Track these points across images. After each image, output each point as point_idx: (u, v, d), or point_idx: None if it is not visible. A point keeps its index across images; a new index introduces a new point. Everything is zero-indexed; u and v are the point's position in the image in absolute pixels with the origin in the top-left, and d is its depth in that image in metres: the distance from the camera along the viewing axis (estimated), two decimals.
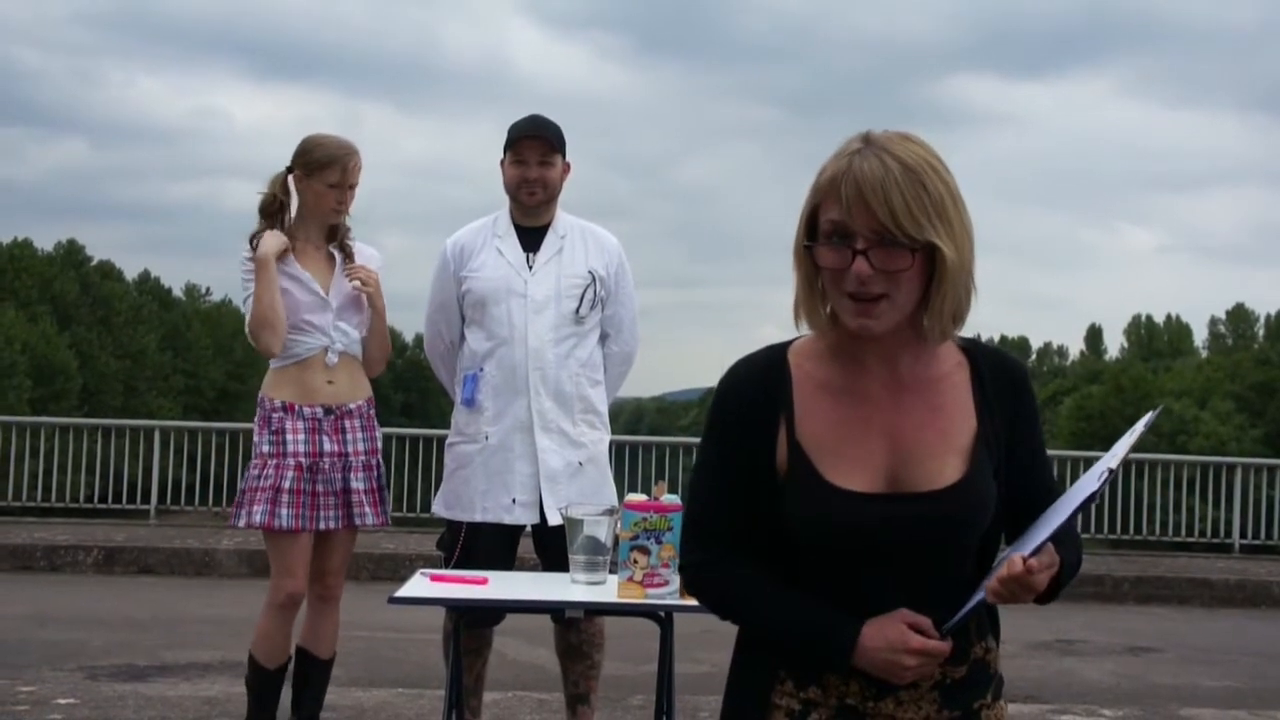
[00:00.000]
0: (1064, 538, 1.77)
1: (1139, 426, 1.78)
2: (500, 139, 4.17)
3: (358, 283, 4.11)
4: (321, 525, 4.02)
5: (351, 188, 4.12)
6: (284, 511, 3.94)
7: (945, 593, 1.78)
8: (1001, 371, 1.88)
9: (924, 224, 1.70)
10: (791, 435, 1.82)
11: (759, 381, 1.85)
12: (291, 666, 4.17)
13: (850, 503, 1.77)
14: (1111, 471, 1.72)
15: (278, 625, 4.05)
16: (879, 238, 1.70)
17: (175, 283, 70.39)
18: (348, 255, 4.16)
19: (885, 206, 1.68)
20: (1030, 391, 1.90)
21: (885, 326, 1.75)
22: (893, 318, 1.75)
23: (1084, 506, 1.73)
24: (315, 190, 4.08)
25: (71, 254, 54.87)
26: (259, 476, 3.98)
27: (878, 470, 1.79)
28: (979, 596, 1.74)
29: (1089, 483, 1.75)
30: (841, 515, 1.77)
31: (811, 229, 1.78)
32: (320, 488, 4.01)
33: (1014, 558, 1.70)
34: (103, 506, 11.68)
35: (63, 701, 5.05)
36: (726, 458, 1.85)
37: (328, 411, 4.05)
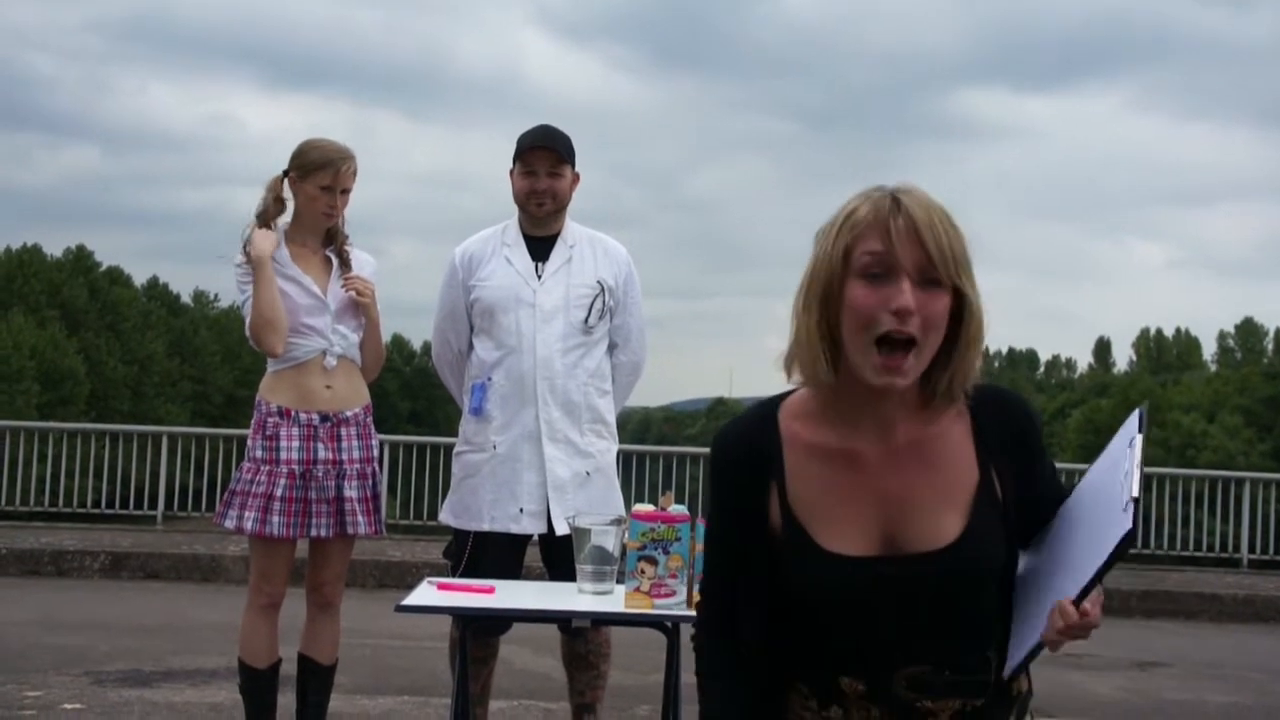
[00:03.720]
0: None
1: (1137, 440, 1.72)
2: (511, 149, 4.17)
3: (354, 293, 4.10)
4: (313, 533, 4.01)
5: (345, 192, 4.09)
6: (275, 519, 3.94)
7: (951, 644, 1.78)
8: (1003, 414, 1.85)
9: (962, 267, 1.71)
10: (783, 499, 1.81)
11: (748, 445, 1.84)
12: (295, 675, 4.17)
13: (843, 568, 1.77)
14: (1136, 501, 1.66)
15: (260, 626, 4.05)
16: (921, 275, 1.70)
17: (183, 289, 70.61)
18: (345, 263, 4.14)
19: (934, 243, 1.69)
20: (1033, 425, 1.87)
21: (909, 381, 1.73)
22: (916, 371, 1.73)
23: (1123, 546, 1.65)
24: (307, 193, 4.05)
25: (80, 260, 55.07)
26: (251, 482, 3.97)
27: (872, 532, 1.78)
28: (1034, 643, 1.72)
29: (1116, 519, 1.68)
30: (835, 581, 1.77)
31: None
32: (313, 495, 4.00)
33: (1066, 606, 1.67)
34: (110, 512, 11.67)
35: (69, 707, 5.05)
36: (724, 522, 1.87)
37: (324, 418, 4.04)
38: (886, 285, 1.70)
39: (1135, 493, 1.67)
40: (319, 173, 4.04)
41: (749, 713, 1.86)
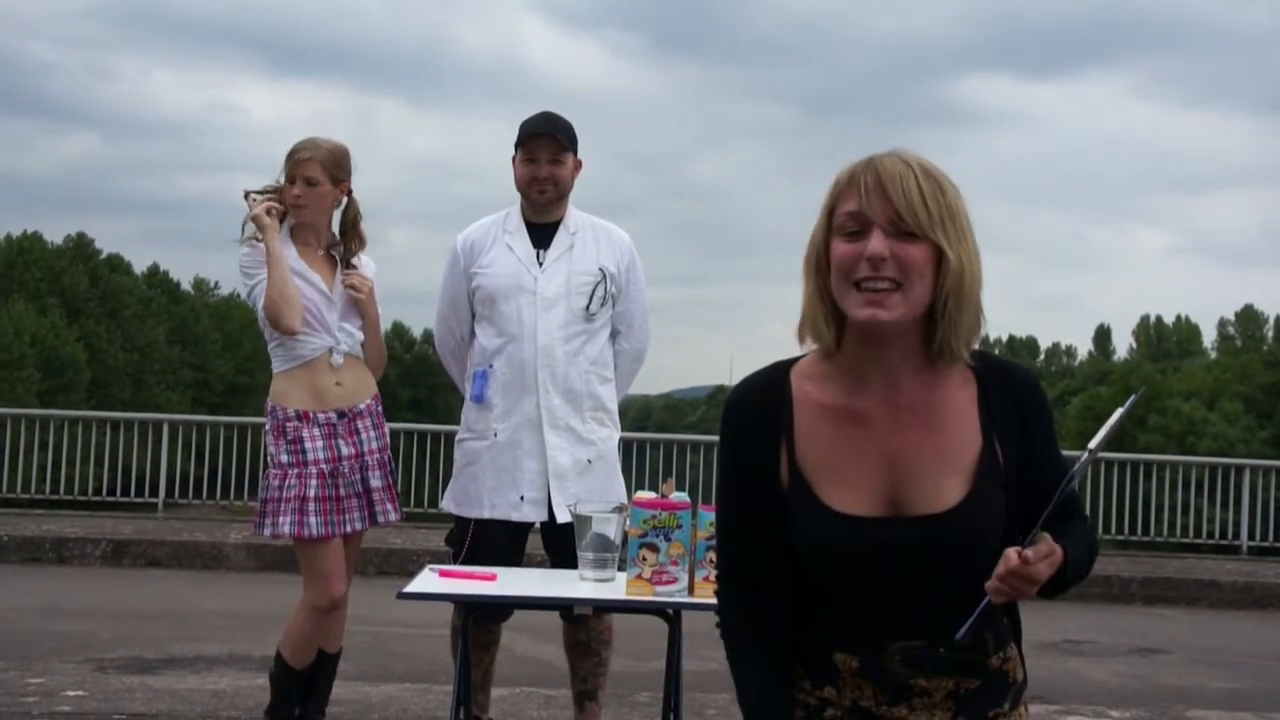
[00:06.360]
0: (1070, 532, 1.77)
1: (1120, 410, 1.77)
2: (513, 135, 4.16)
3: (351, 289, 4.10)
4: (348, 528, 4.02)
5: (308, 183, 4.05)
6: (312, 520, 3.94)
7: (954, 608, 1.77)
8: (1008, 385, 1.87)
9: (936, 221, 1.74)
10: (792, 457, 1.83)
11: (760, 402, 1.87)
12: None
13: (848, 527, 1.78)
14: (1091, 452, 1.76)
15: (314, 628, 4.04)
16: (894, 228, 1.74)
17: (184, 276, 70.44)
18: (347, 265, 4.16)
19: (902, 196, 1.74)
20: (1039, 399, 1.89)
21: (895, 317, 1.75)
22: (903, 310, 1.75)
23: (1065, 487, 1.77)
24: (286, 188, 4.09)
25: (81, 247, 55.02)
26: (281, 487, 3.97)
27: (876, 493, 1.80)
28: (985, 600, 1.74)
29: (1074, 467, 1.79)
30: (839, 539, 1.78)
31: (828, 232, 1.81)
32: (343, 491, 4.01)
33: (1008, 552, 1.70)
34: (111, 499, 11.69)
35: (71, 693, 5.06)
36: (737, 476, 1.88)
37: (340, 415, 4.05)
38: (862, 240, 1.76)
39: (1092, 444, 1.77)
40: (286, 166, 4.08)
41: (786, 693, 1.87)
